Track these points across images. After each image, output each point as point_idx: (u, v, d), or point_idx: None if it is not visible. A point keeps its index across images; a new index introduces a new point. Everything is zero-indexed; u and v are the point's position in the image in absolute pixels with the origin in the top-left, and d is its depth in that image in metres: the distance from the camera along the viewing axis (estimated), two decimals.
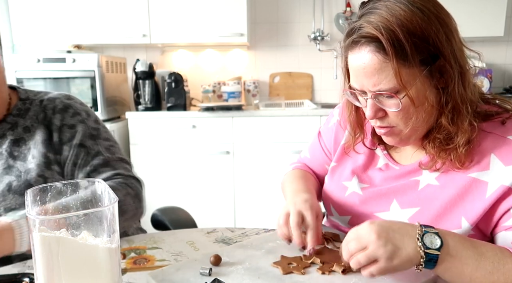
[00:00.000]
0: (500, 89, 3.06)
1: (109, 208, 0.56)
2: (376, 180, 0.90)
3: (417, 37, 0.70)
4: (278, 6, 3.15)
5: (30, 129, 0.90)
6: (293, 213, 0.82)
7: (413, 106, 0.74)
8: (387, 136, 0.82)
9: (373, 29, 0.71)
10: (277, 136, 2.69)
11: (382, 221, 0.69)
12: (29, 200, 0.58)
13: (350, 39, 0.75)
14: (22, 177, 0.86)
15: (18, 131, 0.89)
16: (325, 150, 1.06)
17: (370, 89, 0.75)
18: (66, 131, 0.92)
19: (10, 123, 0.90)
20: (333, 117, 1.05)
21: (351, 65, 0.77)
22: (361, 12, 0.76)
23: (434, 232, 0.66)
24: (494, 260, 0.65)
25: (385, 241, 0.64)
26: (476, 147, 0.76)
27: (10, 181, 0.85)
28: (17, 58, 2.64)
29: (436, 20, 0.72)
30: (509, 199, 0.72)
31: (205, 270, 0.73)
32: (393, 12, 0.71)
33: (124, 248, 0.88)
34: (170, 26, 2.82)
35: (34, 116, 0.92)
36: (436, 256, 0.64)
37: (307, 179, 1.05)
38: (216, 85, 3.07)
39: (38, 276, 0.55)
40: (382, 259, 0.64)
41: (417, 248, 0.64)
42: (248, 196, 2.75)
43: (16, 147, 0.88)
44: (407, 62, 0.71)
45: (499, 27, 2.81)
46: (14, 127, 0.90)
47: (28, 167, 0.87)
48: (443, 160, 0.78)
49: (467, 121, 0.74)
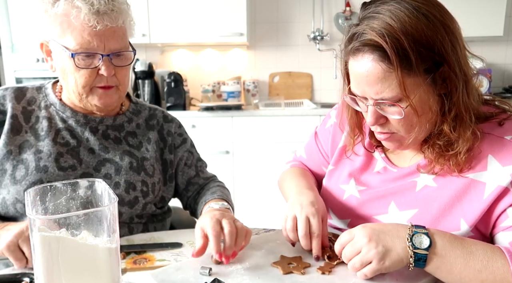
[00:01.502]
0: (499, 89, 3.06)
1: (109, 207, 0.56)
2: (373, 182, 0.89)
3: (422, 46, 0.68)
4: (278, 6, 3.15)
5: (140, 127, 1.09)
6: (301, 219, 0.80)
7: (416, 115, 0.72)
8: (387, 142, 0.81)
9: (377, 37, 0.68)
10: (276, 136, 2.69)
11: (375, 224, 0.71)
12: (29, 200, 0.58)
13: (352, 46, 0.73)
14: (140, 162, 1.03)
15: (132, 125, 1.07)
16: (322, 151, 1.05)
17: (372, 96, 0.74)
18: (177, 138, 1.15)
19: (128, 117, 1.08)
20: (330, 119, 1.04)
21: (353, 71, 0.75)
22: (363, 14, 0.74)
23: (424, 232, 0.68)
24: (484, 258, 0.66)
25: (376, 243, 0.67)
26: (476, 149, 0.75)
27: (131, 161, 1.01)
28: (16, 58, 2.65)
29: (442, 27, 0.69)
30: (505, 199, 0.72)
31: (205, 270, 0.73)
32: (398, 18, 0.68)
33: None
34: (170, 26, 2.82)
35: (144, 117, 1.11)
36: (425, 256, 0.66)
37: (308, 176, 1.04)
38: (215, 85, 3.07)
39: (38, 276, 0.55)
40: (374, 260, 0.67)
41: (406, 248, 0.67)
42: (248, 195, 2.75)
43: (130, 137, 1.06)
44: (411, 71, 0.69)
45: (498, 27, 2.81)
46: (130, 122, 1.07)
47: (142, 155, 1.04)
48: (441, 165, 0.77)
49: (470, 130, 0.73)
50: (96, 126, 1.02)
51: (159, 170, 1.07)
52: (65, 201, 0.65)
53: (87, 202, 0.66)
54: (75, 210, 0.65)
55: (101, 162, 0.99)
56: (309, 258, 0.79)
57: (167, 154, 1.11)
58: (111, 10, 0.89)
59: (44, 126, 0.98)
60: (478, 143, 0.74)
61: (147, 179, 1.02)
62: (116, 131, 1.04)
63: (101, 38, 0.89)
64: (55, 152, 0.95)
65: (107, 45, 0.90)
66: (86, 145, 1.00)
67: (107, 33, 0.90)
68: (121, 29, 0.93)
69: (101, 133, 1.02)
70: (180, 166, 1.15)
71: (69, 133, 0.99)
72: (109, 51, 0.91)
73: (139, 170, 1.02)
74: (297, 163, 1.12)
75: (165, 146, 1.11)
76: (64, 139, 0.98)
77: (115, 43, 0.91)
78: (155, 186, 1.04)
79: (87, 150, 0.99)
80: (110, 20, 0.89)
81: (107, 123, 1.04)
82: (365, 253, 0.67)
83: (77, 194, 0.65)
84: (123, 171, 1.00)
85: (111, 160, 1.00)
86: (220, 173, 2.72)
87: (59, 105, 1.01)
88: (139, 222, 1.02)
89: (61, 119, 1.00)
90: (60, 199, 0.64)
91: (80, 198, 0.66)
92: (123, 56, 0.95)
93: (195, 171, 1.17)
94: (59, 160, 0.95)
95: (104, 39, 0.89)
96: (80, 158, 0.97)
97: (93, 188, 0.66)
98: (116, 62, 0.93)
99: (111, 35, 0.90)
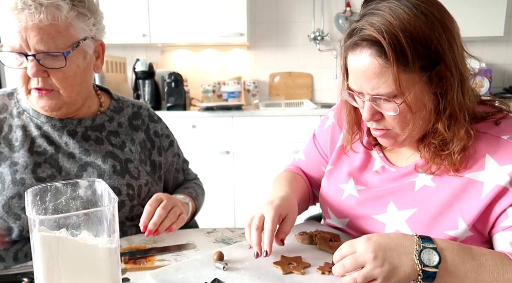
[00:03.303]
0: (500, 89, 3.06)
1: (109, 207, 0.57)
2: (372, 181, 0.89)
3: (419, 43, 0.69)
4: (278, 6, 3.15)
5: (122, 126, 1.05)
6: (256, 216, 0.80)
7: (410, 112, 0.73)
8: (383, 138, 0.82)
9: (375, 32, 0.69)
10: (277, 136, 2.69)
11: (379, 237, 0.67)
12: (29, 200, 0.58)
13: (351, 41, 0.74)
14: (123, 164, 1.00)
15: (114, 124, 1.04)
16: (321, 152, 1.05)
17: (368, 92, 0.75)
18: (165, 140, 1.13)
19: (109, 116, 1.04)
20: (328, 120, 1.04)
21: (351, 66, 0.76)
22: (363, 11, 0.75)
23: (432, 247, 0.65)
24: (494, 270, 0.65)
25: (382, 261, 0.63)
26: (471, 149, 0.75)
27: (114, 164, 0.98)
28: None
29: (440, 26, 0.70)
30: (504, 198, 0.72)
31: (220, 264, 0.74)
32: (397, 15, 0.69)
33: (124, 248, 0.88)
34: (170, 26, 2.82)
35: (127, 115, 1.07)
36: (434, 273, 0.63)
37: (294, 180, 1.03)
38: (216, 85, 3.07)
39: (38, 276, 0.55)
40: (380, 278, 0.63)
41: (414, 266, 0.63)
42: (248, 195, 2.75)
43: (112, 137, 1.02)
44: (407, 68, 0.70)
45: (499, 27, 2.81)
46: (111, 121, 1.04)
47: (126, 157, 1.01)
48: (437, 165, 0.78)
49: (464, 129, 0.73)
50: (74, 129, 0.97)
51: (145, 171, 1.05)
52: (65, 201, 0.65)
53: (87, 202, 0.66)
54: (75, 210, 0.65)
55: (83, 166, 0.96)
56: (309, 258, 0.79)
57: (155, 155, 1.09)
58: (29, 5, 0.81)
59: (19, 136, 0.93)
60: (472, 142, 0.74)
61: (133, 182, 1.00)
62: (96, 132, 1.00)
63: (23, 36, 0.82)
64: (31, 163, 0.91)
65: (31, 43, 0.82)
66: (65, 150, 0.95)
67: (30, 31, 0.82)
68: (50, 26, 0.83)
69: (80, 136, 0.98)
70: (172, 171, 1.15)
71: (46, 140, 0.94)
72: (35, 51, 0.83)
73: (123, 173, 0.99)
74: (291, 167, 1.12)
75: (153, 147, 1.09)
76: (41, 148, 0.93)
77: (40, 40, 0.82)
78: (141, 188, 1.01)
79: (66, 155, 0.95)
80: (31, 17, 0.81)
81: (86, 124, 0.99)
82: (369, 269, 0.63)
83: (77, 194, 0.66)
84: (106, 175, 0.96)
85: (93, 163, 0.96)
86: (220, 173, 2.75)
87: (32, 111, 0.95)
88: (132, 225, 1.01)
89: (36, 126, 0.95)
90: (60, 199, 0.64)
91: (80, 198, 0.66)
92: (59, 57, 0.85)
93: (183, 176, 1.20)
94: (37, 171, 0.91)
95: (26, 36, 0.82)
96: (59, 165, 0.94)
97: (93, 188, 0.66)
98: (49, 64, 0.85)
99: (35, 31, 0.82)
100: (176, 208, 0.93)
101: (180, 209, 0.94)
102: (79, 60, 0.90)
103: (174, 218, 0.91)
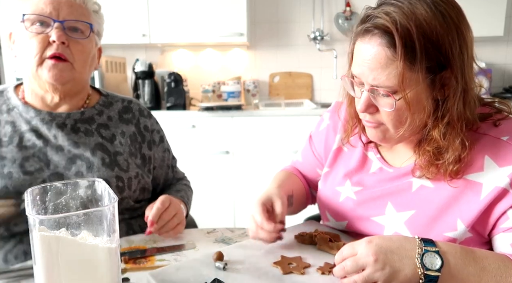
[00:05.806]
0: (499, 89, 3.06)
1: (109, 207, 0.56)
2: (369, 182, 0.88)
3: (430, 43, 0.68)
4: (278, 6, 3.15)
5: (112, 119, 1.07)
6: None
7: (407, 111, 0.72)
8: (372, 129, 0.80)
9: (389, 22, 0.68)
10: (277, 136, 2.69)
11: (380, 239, 0.66)
12: (29, 200, 0.58)
13: (363, 26, 0.72)
14: (112, 157, 1.01)
15: (103, 117, 1.06)
16: (316, 154, 1.04)
17: (368, 81, 0.73)
18: (156, 135, 1.14)
19: (98, 110, 1.06)
20: (323, 121, 1.03)
21: (358, 52, 0.75)
22: (381, 0, 0.74)
23: (435, 251, 0.64)
24: (497, 274, 0.64)
25: (383, 264, 0.63)
26: (469, 151, 0.73)
27: (103, 156, 0.99)
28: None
29: (455, 30, 0.69)
30: (505, 200, 0.72)
31: (220, 264, 0.74)
32: (414, 9, 0.68)
33: (124, 248, 0.88)
34: (170, 26, 2.82)
35: (117, 109, 1.09)
36: (436, 277, 0.63)
37: (286, 178, 1.02)
38: (215, 85, 3.07)
39: (38, 276, 0.55)
40: (380, 281, 0.63)
41: (416, 269, 0.63)
42: (248, 195, 2.75)
43: (103, 129, 1.04)
44: (413, 65, 0.69)
45: (499, 27, 2.81)
46: (100, 114, 1.06)
47: (115, 150, 1.03)
48: (433, 175, 0.77)
49: (459, 140, 0.72)
50: (63, 121, 0.99)
51: (135, 164, 1.05)
52: (65, 200, 0.65)
53: (87, 202, 0.66)
54: (75, 209, 0.65)
55: (71, 159, 0.96)
56: (309, 258, 0.79)
57: (145, 149, 1.10)
58: None
59: (7, 131, 0.95)
60: (466, 152, 0.72)
61: (122, 174, 1.00)
62: (86, 124, 1.02)
63: (55, 6, 0.91)
64: (19, 158, 0.92)
65: (61, 13, 0.92)
66: (53, 144, 0.96)
67: (62, 4, 0.92)
68: (80, 6, 0.95)
69: (70, 128, 0.99)
70: (163, 167, 1.17)
71: (35, 134, 0.96)
72: (62, 19, 0.92)
73: (112, 165, 1.00)
74: (288, 168, 1.12)
75: (144, 140, 1.10)
76: (29, 142, 0.95)
77: (70, 13, 0.93)
78: (131, 180, 1.02)
79: (55, 149, 0.96)
80: None
81: (75, 117, 1.01)
82: (370, 272, 0.63)
83: (77, 194, 0.65)
84: (95, 167, 0.97)
85: (82, 156, 0.97)
86: (220, 173, 2.75)
87: (22, 106, 0.98)
88: (121, 220, 1.00)
89: (25, 121, 0.97)
90: (60, 199, 0.64)
91: (80, 197, 0.66)
92: (79, 30, 0.95)
93: (172, 173, 1.22)
94: (24, 165, 0.92)
95: (58, 7, 0.92)
96: (48, 159, 0.95)
97: (93, 187, 0.66)
98: (71, 34, 0.93)
99: (67, 5, 0.92)
100: (176, 217, 0.96)
101: (179, 218, 0.97)
102: (93, 43, 1.00)
103: (172, 227, 0.96)
